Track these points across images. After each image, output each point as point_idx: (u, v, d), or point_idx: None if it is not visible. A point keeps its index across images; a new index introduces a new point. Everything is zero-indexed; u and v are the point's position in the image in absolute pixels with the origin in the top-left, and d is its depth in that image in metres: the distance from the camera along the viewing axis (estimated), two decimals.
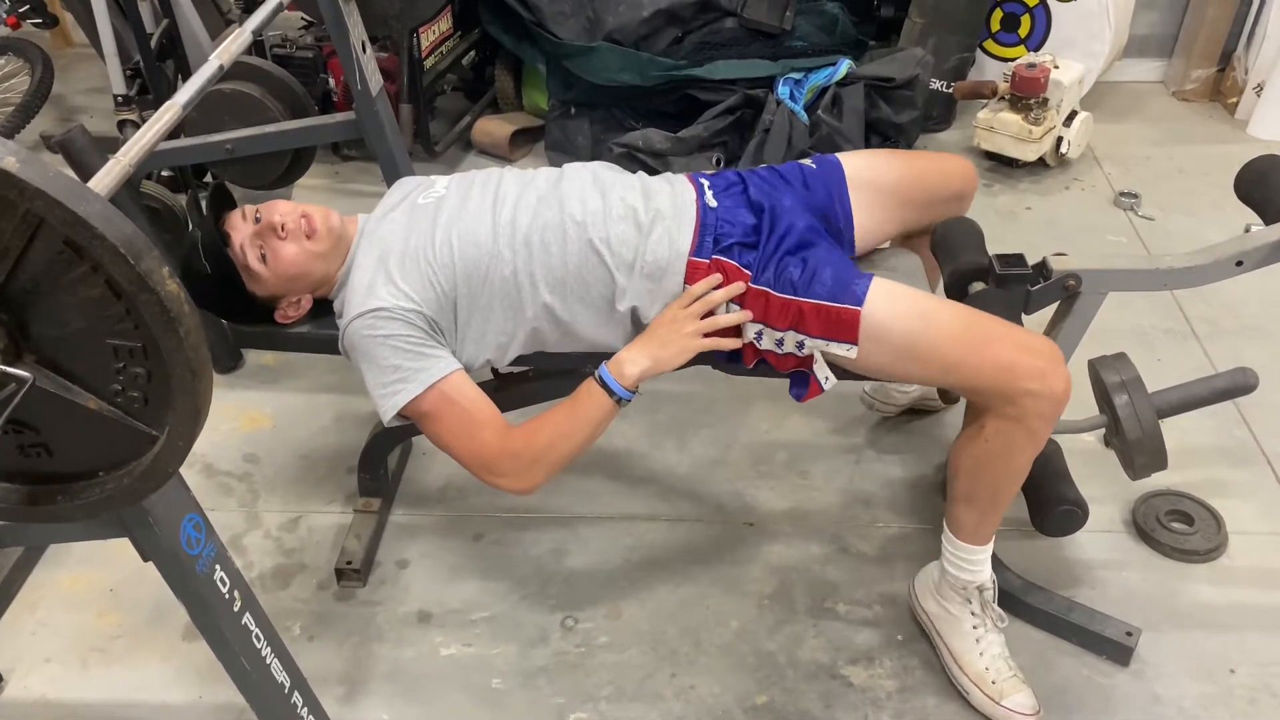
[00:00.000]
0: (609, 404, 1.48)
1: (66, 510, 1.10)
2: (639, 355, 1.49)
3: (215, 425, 2.22)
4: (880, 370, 1.56)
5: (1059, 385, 1.44)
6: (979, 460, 1.53)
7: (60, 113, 3.60)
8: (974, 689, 1.63)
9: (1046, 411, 1.45)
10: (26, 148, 0.92)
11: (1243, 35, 3.29)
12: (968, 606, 1.64)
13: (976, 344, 1.46)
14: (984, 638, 1.64)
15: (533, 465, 1.49)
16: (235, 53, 1.49)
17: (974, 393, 1.51)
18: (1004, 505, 1.58)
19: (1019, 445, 1.49)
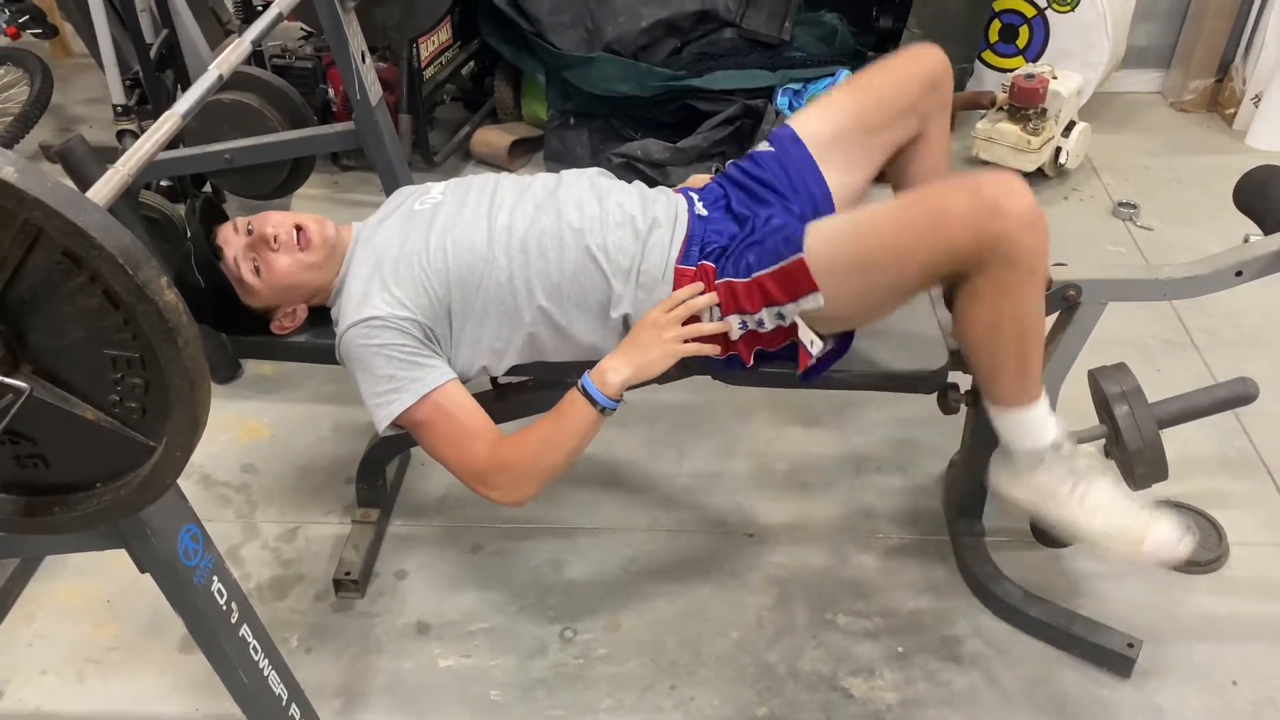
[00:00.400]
0: (593, 414, 1.46)
1: (63, 522, 1.10)
2: (621, 363, 1.47)
3: (213, 436, 2.21)
4: (862, 302, 1.48)
5: (1023, 204, 1.32)
6: (992, 325, 1.43)
7: (59, 122, 3.60)
8: (1112, 550, 1.50)
9: (1027, 239, 1.34)
10: (25, 157, 0.91)
11: (1240, 46, 3.29)
12: (1053, 471, 1.51)
13: (922, 218, 1.39)
14: (1087, 494, 1.50)
15: (522, 477, 1.48)
16: (234, 63, 1.49)
17: (954, 262, 1.38)
18: (1037, 354, 1.46)
19: (1023, 288, 1.39)
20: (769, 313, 1.49)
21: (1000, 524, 1.92)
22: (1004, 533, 1.91)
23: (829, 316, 1.48)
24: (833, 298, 1.45)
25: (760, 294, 1.49)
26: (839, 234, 1.47)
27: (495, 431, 1.51)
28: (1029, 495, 1.55)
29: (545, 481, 1.49)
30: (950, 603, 1.82)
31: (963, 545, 1.86)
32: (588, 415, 1.46)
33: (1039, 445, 1.50)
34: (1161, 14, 3.38)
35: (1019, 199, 1.33)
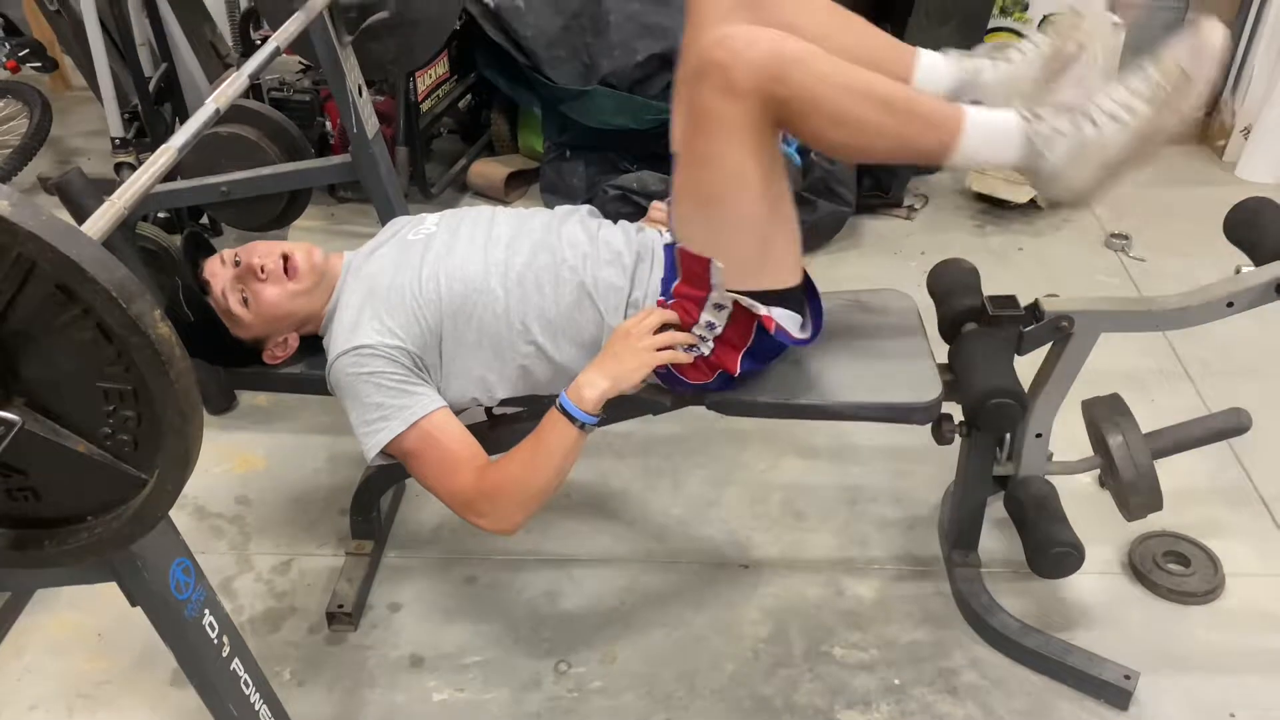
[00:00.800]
0: (573, 431, 1.45)
1: (53, 555, 1.10)
2: (596, 376, 1.46)
3: (207, 467, 2.20)
4: (744, 226, 1.43)
5: (740, 35, 1.31)
6: (839, 123, 1.36)
7: (58, 155, 3.62)
8: (1181, 104, 1.36)
9: (769, 47, 1.31)
10: (24, 189, 0.92)
11: (1229, 79, 3.33)
12: (1056, 131, 1.38)
13: (704, 114, 1.35)
14: (1103, 110, 1.38)
15: (509, 503, 1.47)
16: (232, 97, 1.50)
17: (753, 117, 1.33)
18: (901, 96, 1.39)
19: (815, 79, 1.33)
20: (709, 311, 1.49)
21: (996, 555, 1.92)
22: (1000, 563, 1.91)
23: (743, 265, 1.44)
24: (723, 250, 1.43)
25: (689, 301, 1.49)
26: (678, 199, 1.46)
27: (484, 458, 1.50)
28: (1083, 170, 1.41)
29: (534, 506, 1.48)
30: (947, 634, 1.81)
31: (959, 576, 1.85)
32: (568, 433, 1.45)
33: (1018, 133, 1.40)
34: (1152, 48, 3.41)
35: (740, 33, 1.31)
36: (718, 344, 1.52)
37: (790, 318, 1.52)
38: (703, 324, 1.50)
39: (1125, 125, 1.38)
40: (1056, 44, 1.49)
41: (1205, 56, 1.35)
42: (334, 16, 2.04)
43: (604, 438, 2.25)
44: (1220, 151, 3.33)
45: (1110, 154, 1.39)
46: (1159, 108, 1.37)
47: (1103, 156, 1.39)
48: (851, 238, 2.98)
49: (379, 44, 2.21)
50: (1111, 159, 1.39)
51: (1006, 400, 1.54)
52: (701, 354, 1.53)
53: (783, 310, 1.50)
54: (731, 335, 1.50)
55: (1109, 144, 1.38)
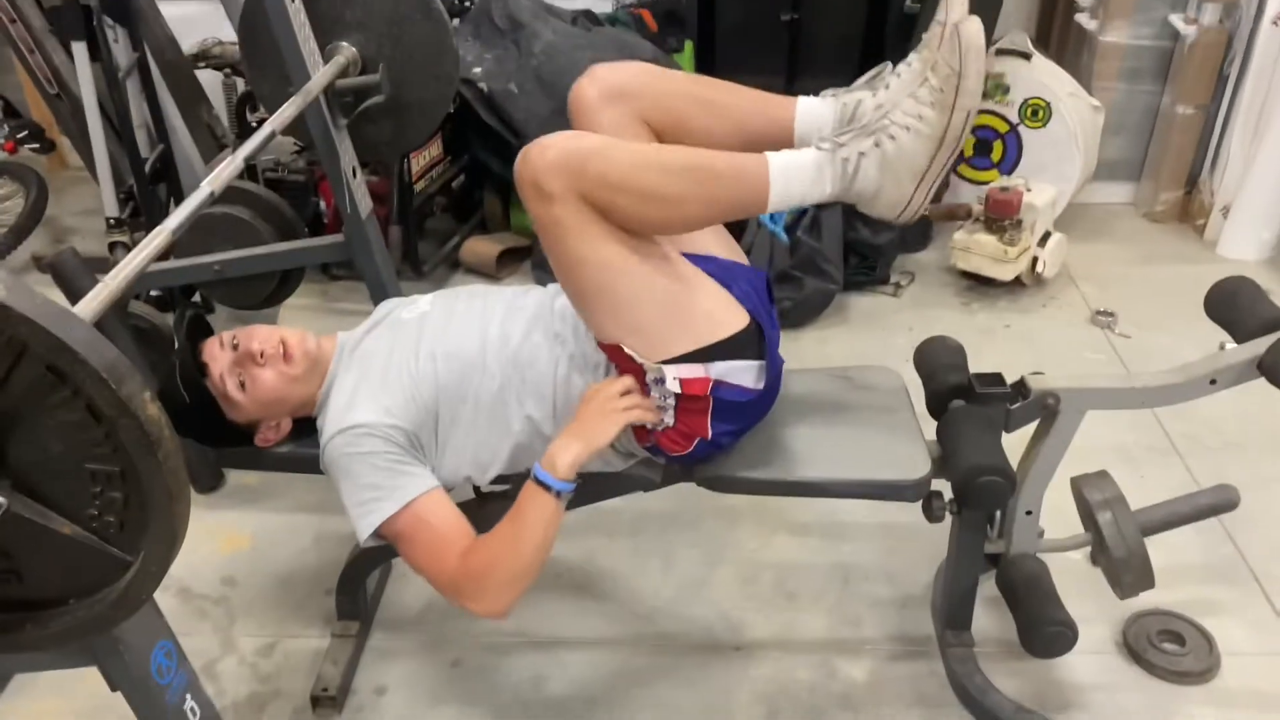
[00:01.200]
0: (551, 501, 1.44)
1: (34, 639, 1.08)
2: (569, 441, 1.46)
3: (193, 547, 2.17)
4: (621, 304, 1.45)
5: (542, 144, 1.36)
6: (649, 199, 1.40)
7: (53, 234, 3.64)
8: (960, 93, 1.42)
9: (573, 147, 1.37)
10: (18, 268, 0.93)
11: (1206, 160, 3.40)
12: (862, 154, 1.45)
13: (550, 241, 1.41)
14: (893, 121, 1.45)
15: (494, 584, 1.45)
16: (226, 179, 1.53)
17: (578, 215, 1.38)
18: (698, 160, 1.44)
19: (620, 171, 1.38)
20: (653, 387, 1.49)
21: (990, 634, 1.90)
22: (994, 643, 1.89)
23: (660, 335, 1.46)
24: (634, 330, 1.45)
25: (632, 376, 1.50)
26: (572, 303, 1.50)
27: (472, 540, 1.49)
28: (899, 183, 1.48)
29: (521, 585, 1.46)
30: (940, 715, 1.78)
31: (952, 656, 1.83)
32: (546, 504, 1.44)
33: (825, 165, 1.45)
34: (1130, 129, 3.50)
35: (534, 145, 1.37)
36: (678, 413, 1.52)
37: (741, 368, 1.51)
38: (656, 398, 1.51)
39: (920, 133, 1.45)
40: (928, 56, 1.49)
41: (968, 49, 1.41)
42: (330, 100, 2.08)
43: (593, 516, 2.22)
44: (1201, 230, 3.39)
45: (917, 164, 1.46)
46: (943, 110, 1.44)
47: (911, 166, 1.46)
48: (839, 314, 3.01)
49: (374, 127, 2.25)
50: (919, 167, 1.47)
51: (995, 478, 1.54)
52: (668, 425, 1.53)
53: (727, 363, 1.49)
54: (684, 403, 1.50)
55: (911, 153, 1.46)
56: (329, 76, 2.03)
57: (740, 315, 1.52)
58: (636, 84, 1.59)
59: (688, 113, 1.58)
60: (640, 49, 3.17)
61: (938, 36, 1.47)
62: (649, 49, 3.20)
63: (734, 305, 1.52)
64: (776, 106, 1.60)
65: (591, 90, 1.59)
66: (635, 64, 1.64)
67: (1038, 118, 3.23)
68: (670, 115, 1.57)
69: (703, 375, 1.48)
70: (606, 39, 3.20)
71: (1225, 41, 3.20)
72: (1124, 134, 3.50)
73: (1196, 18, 3.22)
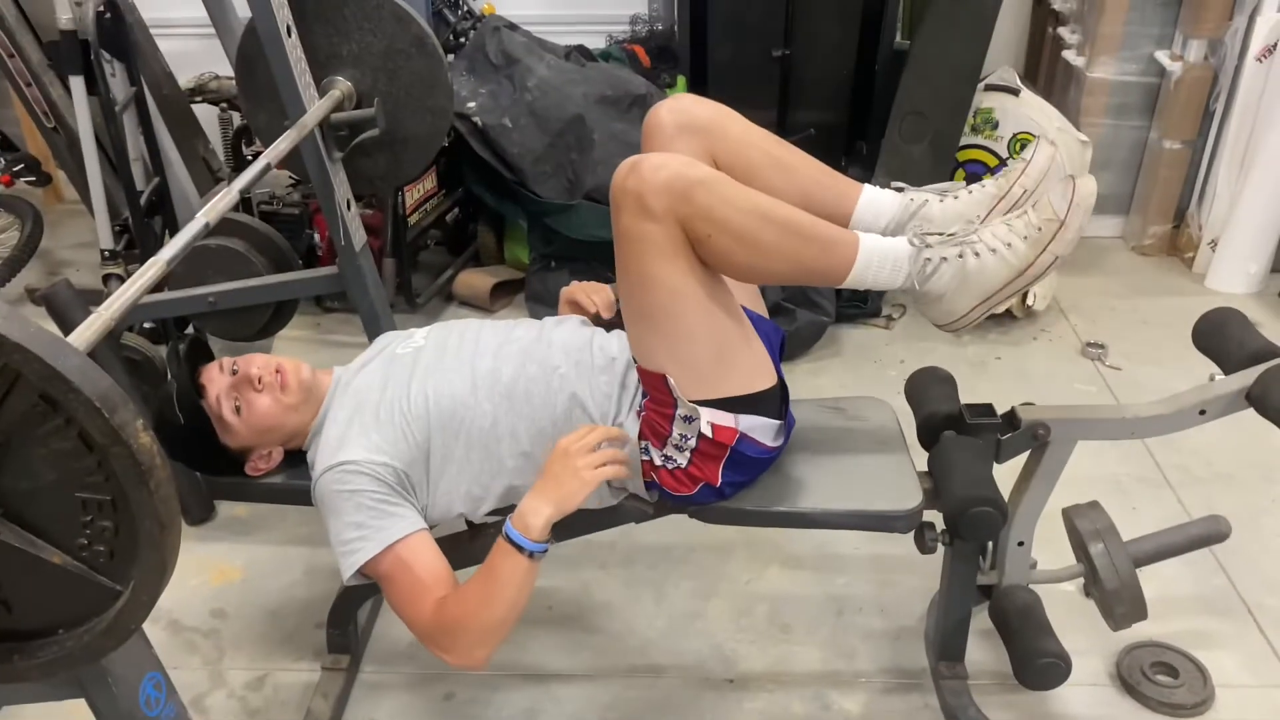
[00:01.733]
0: (523, 561, 1.41)
1: (21, 670, 1.07)
2: (539, 503, 1.43)
3: (183, 580, 2.17)
4: (689, 339, 1.47)
5: (651, 160, 1.39)
6: (741, 242, 1.42)
7: (48, 266, 3.65)
8: (1056, 247, 1.49)
9: (675, 171, 1.38)
10: (11, 300, 0.93)
11: (1194, 194, 3.44)
12: (946, 260, 1.50)
13: (629, 235, 1.41)
14: (983, 243, 1.50)
15: (465, 639, 1.42)
16: (221, 211, 1.54)
17: (671, 236, 1.40)
18: (797, 220, 1.46)
19: (716, 201, 1.40)
20: (679, 424, 1.50)
21: (984, 666, 1.89)
22: (988, 675, 1.88)
23: (702, 375, 1.48)
24: (679, 363, 1.47)
25: (660, 415, 1.51)
26: (628, 321, 1.51)
27: (449, 589, 1.47)
28: (965, 297, 1.53)
29: (494, 640, 1.44)
30: None
31: (946, 689, 1.82)
32: (519, 564, 1.41)
33: (905, 259, 1.49)
34: (1118, 164, 3.53)
35: (648, 159, 1.39)
36: (694, 455, 1.52)
37: (764, 425, 1.54)
38: (675, 436, 1.51)
39: (1005, 260, 1.50)
40: (1004, 186, 1.59)
41: (1079, 207, 1.48)
42: (325, 134, 2.10)
43: (586, 548, 2.23)
44: (1189, 263, 3.41)
45: (989, 285, 1.52)
46: (1034, 247, 1.50)
47: (982, 287, 1.53)
48: (831, 347, 3.02)
49: (369, 160, 2.27)
50: (990, 289, 1.53)
51: (987, 508, 1.54)
52: (679, 465, 1.53)
53: (754, 418, 1.52)
54: (706, 446, 1.51)
55: (989, 276, 1.52)
56: (324, 110, 2.05)
57: (771, 372, 1.56)
58: (719, 123, 1.63)
59: (759, 165, 1.61)
60: (633, 84, 3.21)
61: (1018, 170, 1.57)
62: (642, 84, 3.23)
63: (768, 362, 1.56)
64: (844, 184, 1.65)
65: (670, 118, 1.62)
66: (719, 105, 1.66)
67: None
68: (742, 163, 1.60)
69: (732, 425, 1.50)
70: (600, 74, 3.23)
71: (1211, 77, 3.25)
72: (1112, 169, 3.53)
73: (1182, 54, 3.26)
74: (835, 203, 1.62)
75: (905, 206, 1.60)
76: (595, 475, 1.45)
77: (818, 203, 1.59)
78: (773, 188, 1.56)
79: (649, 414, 1.53)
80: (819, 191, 1.62)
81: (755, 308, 1.71)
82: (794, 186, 1.60)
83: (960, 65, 3.08)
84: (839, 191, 1.63)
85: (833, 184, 1.64)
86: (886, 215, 1.60)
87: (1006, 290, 1.53)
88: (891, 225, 1.60)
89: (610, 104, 3.13)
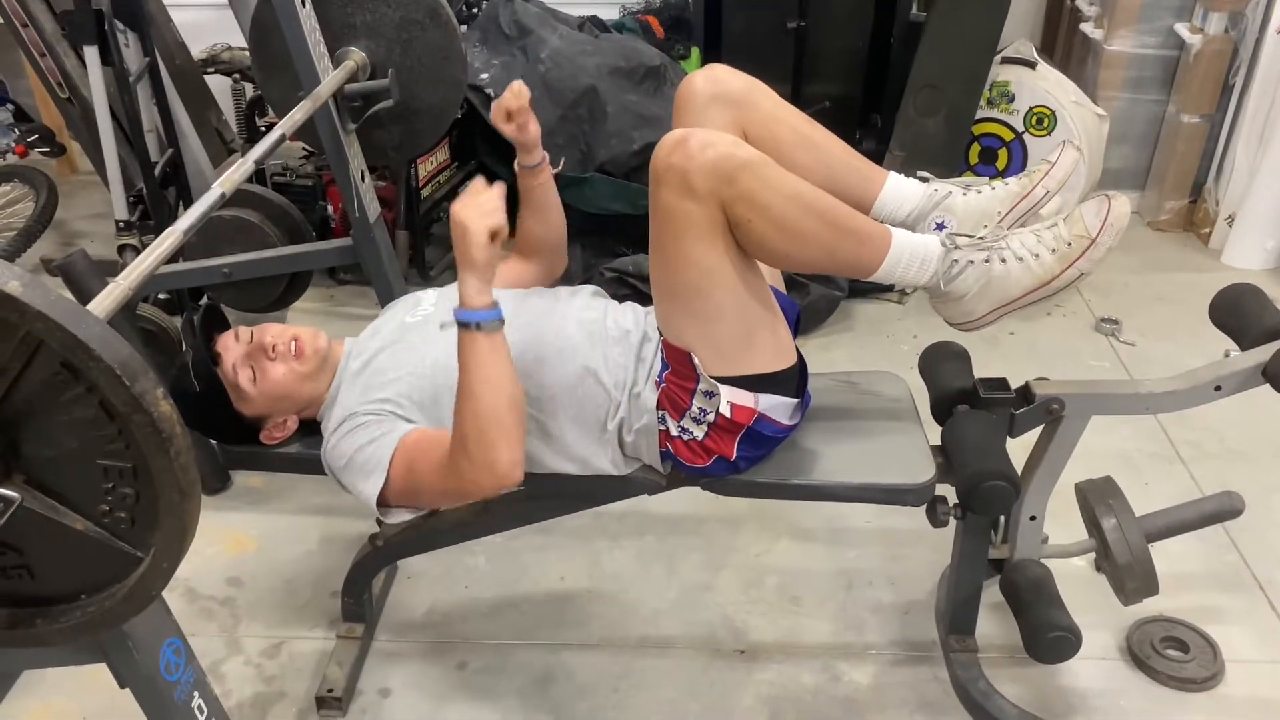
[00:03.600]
0: (479, 337, 1.35)
1: (45, 634, 1.09)
2: (461, 275, 1.37)
3: (200, 549, 2.19)
4: (719, 320, 1.47)
5: (699, 137, 1.37)
6: (781, 230, 1.42)
7: (62, 237, 3.67)
8: (1084, 263, 1.51)
9: (721, 151, 1.37)
10: (28, 271, 0.94)
11: (1211, 169, 3.41)
12: (972, 263, 1.50)
13: (669, 212, 1.40)
14: (1010, 251, 1.51)
15: (473, 447, 1.35)
16: (237, 181, 1.54)
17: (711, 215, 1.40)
18: (837, 211, 1.46)
19: (758, 183, 1.39)
20: (699, 398, 1.51)
21: (994, 640, 1.90)
22: (998, 648, 1.90)
23: (726, 353, 1.48)
24: (705, 340, 1.47)
25: (680, 389, 1.51)
26: (657, 295, 1.51)
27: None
28: (984, 301, 1.55)
29: (501, 436, 1.35)
30: None
31: (955, 661, 1.83)
32: (475, 341, 1.36)
33: (935, 258, 1.50)
34: (1135, 138, 3.51)
35: (695, 136, 1.37)
36: (712, 429, 1.53)
37: (781, 404, 1.54)
38: (694, 409, 1.52)
39: (1030, 270, 1.52)
40: (1026, 184, 1.60)
41: (1111, 226, 1.50)
42: (339, 105, 2.09)
43: (598, 520, 2.24)
44: (1206, 239, 3.39)
45: (1011, 292, 1.54)
46: (1061, 261, 1.51)
47: (1004, 293, 1.54)
48: (844, 321, 3.02)
49: (382, 131, 2.26)
50: (1010, 297, 1.54)
51: (1000, 483, 1.54)
52: (695, 438, 1.54)
53: (773, 397, 1.53)
54: (724, 421, 1.52)
55: (1012, 283, 1.53)
56: (338, 81, 2.04)
57: (792, 351, 1.56)
58: (751, 97, 1.62)
59: (789, 142, 1.60)
60: (647, 56, 3.19)
61: (1042, 171, 1.58)
62: (655, 55, 3.21)
63: (790, 341, 1.57)
64: (870, 169, 1.65)
65: (706, 88, 1.61)
66: (753, 79, 1.65)
67: (1042, 126, 3.24)
68: (771, 138, 1.60)
69: (751, 405, 1.51)
70: (613, 46, 3.21)
71: (1230, 50, 3.21)
72: (1129, 143, 3.51)
73: (1201, 27, 3.23)
74: (861, 186, 1.62)
75: (929, 197, 1.60)
76: (481, 219, 1.37)
77: (843, 185, 1.59)
78: (800, 166, 1.55)
79: (669, 385, 1.53)
80: (845, 174, 1.62)
81: (775, 282, 1.71)
82: (821, 166, 1.60)
83: (977, 38, 3.06)
84: (865, 175, 1.64)
85: (859, 167, 1.64)
86: (910, 204, 1.61)
87: (1026, 299, 1.55)
88: (914, 215, 1.61)
89: (624, 75, 3.11)
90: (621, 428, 1.57)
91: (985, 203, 1.58)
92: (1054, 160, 1.59)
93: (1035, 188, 1.58)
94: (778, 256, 1.50)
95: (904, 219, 1.61)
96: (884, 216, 1.61)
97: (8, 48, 3.09)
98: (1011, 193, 1.59)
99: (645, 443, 1.57)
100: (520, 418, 1.40)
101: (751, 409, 1.51)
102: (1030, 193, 1.58)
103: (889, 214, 1.61)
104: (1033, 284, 1.52)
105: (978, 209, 1.58)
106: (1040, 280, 1.52)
